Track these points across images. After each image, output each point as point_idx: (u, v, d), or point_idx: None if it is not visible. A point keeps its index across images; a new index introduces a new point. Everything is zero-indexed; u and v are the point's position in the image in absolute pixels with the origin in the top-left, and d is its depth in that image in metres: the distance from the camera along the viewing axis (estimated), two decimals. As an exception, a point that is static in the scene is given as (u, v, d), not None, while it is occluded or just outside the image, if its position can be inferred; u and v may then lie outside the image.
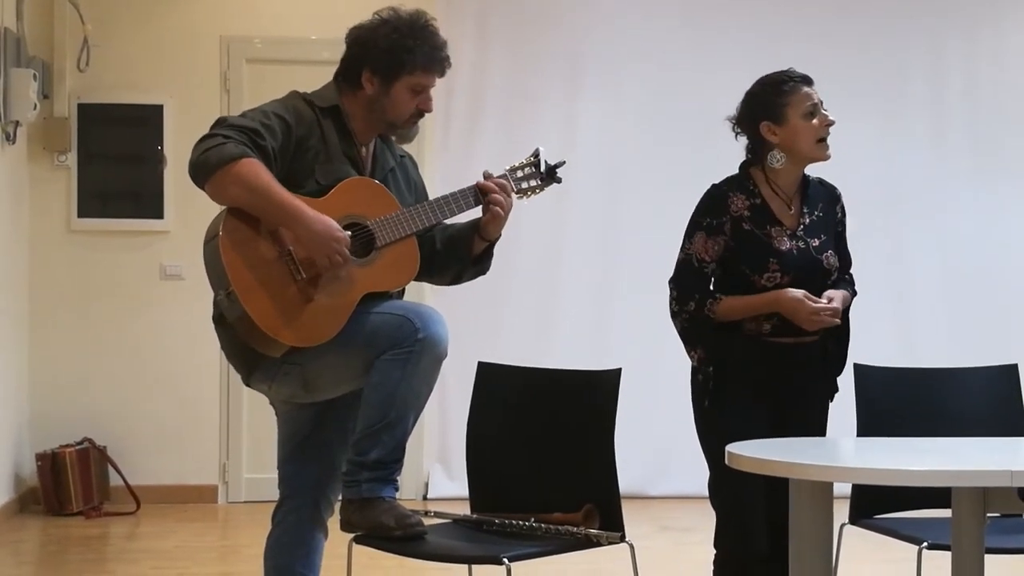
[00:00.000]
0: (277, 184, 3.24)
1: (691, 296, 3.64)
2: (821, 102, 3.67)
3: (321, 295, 3.29)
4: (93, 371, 6.99)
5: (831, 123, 3.65)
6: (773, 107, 3.65)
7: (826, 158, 3.67)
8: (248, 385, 3.49)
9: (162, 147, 7.05)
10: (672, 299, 3.68)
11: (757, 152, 3.71)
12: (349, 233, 3.31)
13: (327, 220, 3.26)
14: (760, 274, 3.61)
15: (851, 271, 3.83)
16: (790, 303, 3.56)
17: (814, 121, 3.64)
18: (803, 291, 3.56)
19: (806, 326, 3.56)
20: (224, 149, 3.20)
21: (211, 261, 3.27)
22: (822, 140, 3.65)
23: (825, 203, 3.77)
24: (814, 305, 3.54)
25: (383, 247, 3.38)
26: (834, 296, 3.62)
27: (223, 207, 3.31)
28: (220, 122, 3.31)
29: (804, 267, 3.63)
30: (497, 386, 3.89)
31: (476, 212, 3.54)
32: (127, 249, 7.07)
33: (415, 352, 3.29)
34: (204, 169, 3.22)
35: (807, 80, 3.69)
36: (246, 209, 3.25)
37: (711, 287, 3.67)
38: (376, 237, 3.37)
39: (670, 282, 3.70)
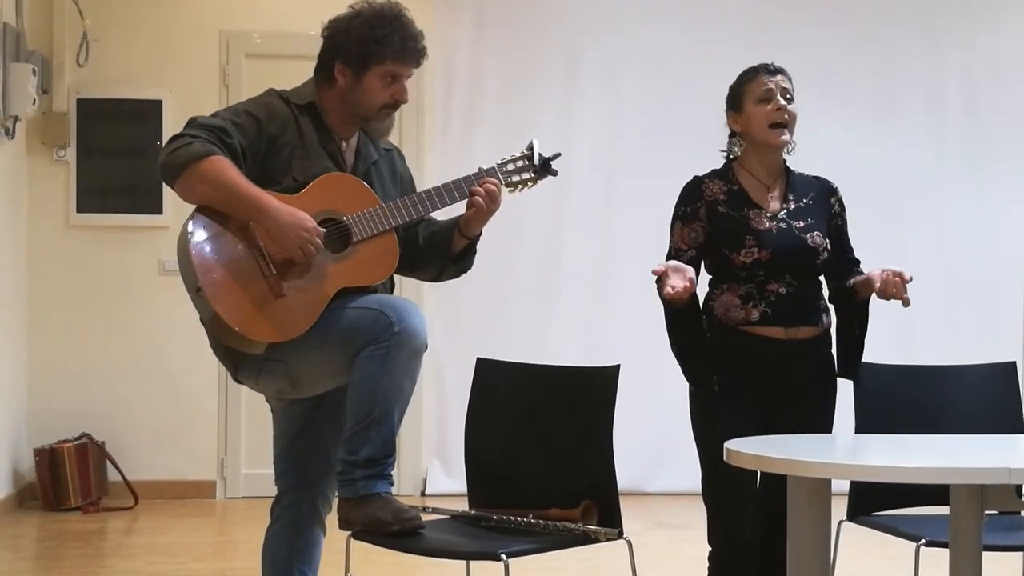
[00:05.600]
0: (244, 179, 3.25)
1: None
2: (783, 89, 3.67)
3: (292, 290, 3.28)
4: (91, 366, 7.00)
5: (781, 108, 3.65)
6: (735, 97, 3.74)
7: (780, 143, 3.68)
8: (237, 381, 3.51)
9: (161, 142, 7.04)
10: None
11: (729, 143, 3.78)
12: (323, 229, 3.31)
13: (296, 211, 3.26)
14: (737, 251, 3.62)
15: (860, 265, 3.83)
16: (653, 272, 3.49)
17: (767, 107, 3.66)
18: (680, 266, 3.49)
19: (665, 293, 3.44)
20: (191, 148, 3.23)
21: (182, 260, 3.30)
22: (775, 125, 3.66)
23: (817, 194, 3.77)
24: (669, 281, 3.43)
25: (360, 242, 3.37)
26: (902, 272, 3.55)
27: (191, 203, 3.32)
28: (190, 123, 3.34)
29: (785, 245, 3.62)
30: (495, 383, 3.89)
31: (460, 208, 3.53)
32: (126, 244, 7.07)
33: (392, 346, 3.27)
34: (171, 169, 3.26)
35: (772, 70, 3.70)
36: (215, 206, 3.27)
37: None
38: (352, 232, 3.36)
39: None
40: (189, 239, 3.25)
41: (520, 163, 3.58)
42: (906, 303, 3.56)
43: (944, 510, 3.27)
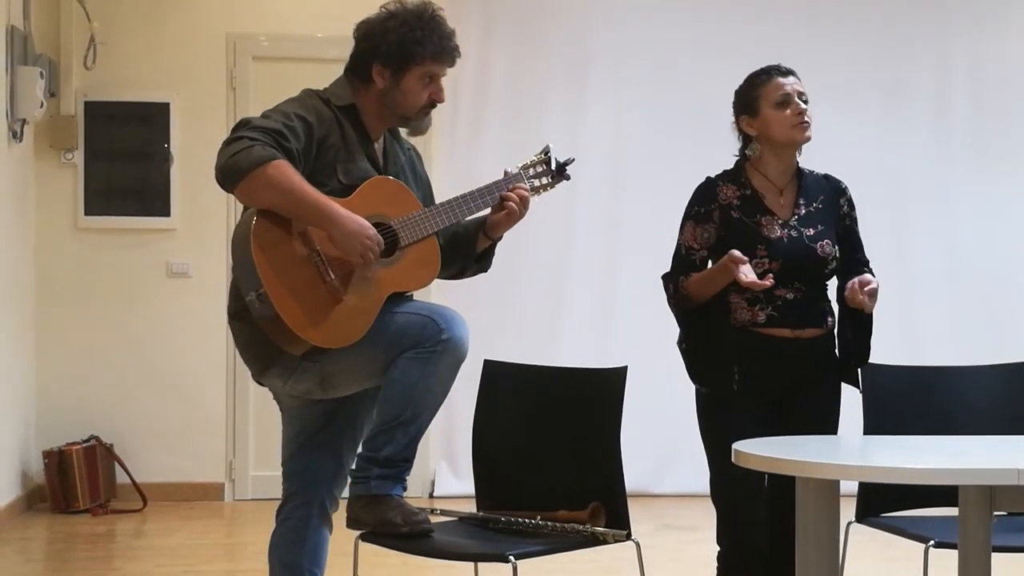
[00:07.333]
0: (308, 185, 3.23)
1: (673, 280, 3.69)
2: (799, 92, 3.68)
3: (350, 296, 3.28)
4: (99, 368, 7.00)
5: (802, 111, 3.66)
6: (749, 101, 3.72)
7: (804, 139, 3.69)
8: (259, 381, 3.48)
9: (168, 145, 7.06)
10: (665, 289, 3.73)
11: (743, 147, 3.77)
12: (381, 237, 3.30)
13: (360, 219, 3.25)
14: (748, 261, 3.61)
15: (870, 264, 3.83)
16: (727, 259, 3.52)
17: (787, 111, 3.66)
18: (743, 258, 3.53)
19: (739, 280, 3.49)
20: (252, 152, 3.18)
21: (241, 261, 3.24)
22: (797, 125, 3.66)
23: (827, 196, 3.77)
24: (743, 268, 3.49)
25: (406, 247, 3.38)
26: (868, 280, 3.60)
27: (251, 207, 3.29)
28: (243, 124, 3.27)
29: (795, 255, 3.63)
30: (503, 384, 3.89)
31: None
32: (133, 247, 7.07)
33: (437, 352, 3.29)
34: (233, 173, 3.19)
35: (784, 72, 3.71)
36: (277, 211, 3.23)
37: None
38: (400, 237, 3.37)
39: (663, 276, 3.73)
40: (251, 243, 3.20)
41: (540, 168, 3.59)
42: (867, 309, 3.61)
43: (953, 511, 3.27)
